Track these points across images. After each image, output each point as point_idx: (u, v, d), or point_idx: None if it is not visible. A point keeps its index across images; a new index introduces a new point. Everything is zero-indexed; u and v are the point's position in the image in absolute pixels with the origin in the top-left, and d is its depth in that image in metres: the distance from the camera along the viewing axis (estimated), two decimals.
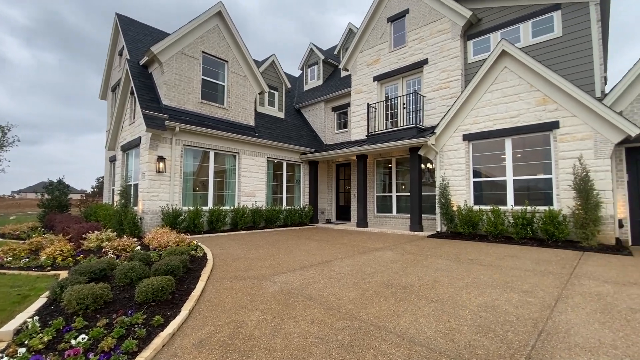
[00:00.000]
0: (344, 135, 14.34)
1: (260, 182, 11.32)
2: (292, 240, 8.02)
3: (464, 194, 8.72)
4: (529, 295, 3.56)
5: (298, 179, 13.30)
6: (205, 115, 10.06)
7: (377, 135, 11.34)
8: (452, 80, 10.15)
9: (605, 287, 3.85)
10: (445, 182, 9.02)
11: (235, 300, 3.53)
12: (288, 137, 13.01)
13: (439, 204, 9.00)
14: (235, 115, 10.94)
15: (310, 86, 17.28)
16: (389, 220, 11.62)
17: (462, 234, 8.28)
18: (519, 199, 7.90)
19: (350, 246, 7.13)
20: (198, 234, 8.78)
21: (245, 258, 5.75)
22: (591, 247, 6.24)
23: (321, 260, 5.53)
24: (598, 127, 6.72)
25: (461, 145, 8.90)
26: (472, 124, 8.72)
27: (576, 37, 8.10)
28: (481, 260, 5.42)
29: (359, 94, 12.94)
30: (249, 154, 11.00)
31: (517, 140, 8.02)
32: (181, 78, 9.56)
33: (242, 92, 11.17)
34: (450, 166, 9.08)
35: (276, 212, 11.08)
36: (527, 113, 7.77)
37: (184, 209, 9.05)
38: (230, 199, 10.57)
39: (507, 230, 7.55)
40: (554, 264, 5.13)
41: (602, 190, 6.57)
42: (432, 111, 10.59)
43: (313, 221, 12.93)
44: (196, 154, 9.80)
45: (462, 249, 6.59)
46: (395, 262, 5.40)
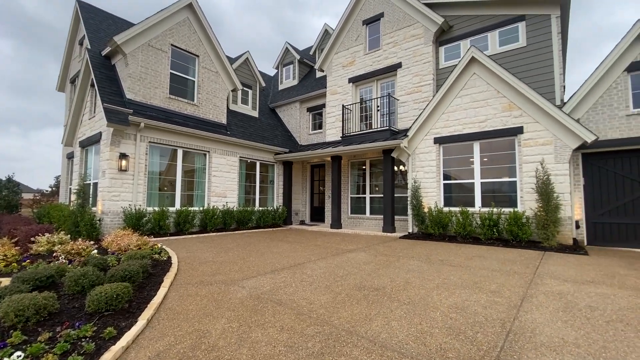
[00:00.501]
0: (319, 136, 14.28)
1: (232, 183, 10.97)
2: (264, 243, 7.81)
3: (435, 196, 8.92)
4: (497, 296, 3.63)
5: (272, 179, 13.06)
6: (173, 111, 9.59)
7: (351, 136, 11.38)
8: (424, 85, 10.39)
9: (566, 285, 4.03)
10: (417, 184, 9.19)
11: (199, 308, 3.31)
12: (262, 137, 12.74)
13: (410, 206, 9.15)
14: (206, 112, 10.54)
15: (285, 85, 17.08)
16: (363, 221, 11.68)
17: (432, 234, 8.45)
18: (486, 201, 8.20)
19: (323, 248, 7.04)
20: (164, 236, 8.32)
21: (213, 261, 5.49)
22: (551, 247, 6.57)
23: (293, 263, 5.39)
24: (558, 133, 7.11)
25: (432, 148, 9.11)
26: (443, 127, 8.96)
27: (539, 47, 8.56)
28: (451, 261, 5.52)
29: (334, 95, 12.93)
30: (220, 153, 10.63)
31: (485, 144, 8.32)
32: (147, 71, 9.05)
33: (213, 89, 10.79)
34: (422, 168, 9.27)
35: (248, 214, 10.79)
36: (494, 118, 8.08)
37: (148, 210, 8.55)
38: (199, 200, 10.15)
39: (475, 231, 7.79)
40: (518, 263, 5.33)
41: (562, 193, 6.95)
42: (405, 114, 10.78)
43: (287, 222, 12.74)
44: (163, 152, 9.31)
45: (433, 249, 6.71)
46: (368, 263, 5.37)
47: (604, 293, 3.73)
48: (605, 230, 7.32)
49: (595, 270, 4.85)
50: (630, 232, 7.04)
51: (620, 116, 7.17)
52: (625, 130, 7.09)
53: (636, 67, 7.04)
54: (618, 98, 7.21)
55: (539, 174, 7.08)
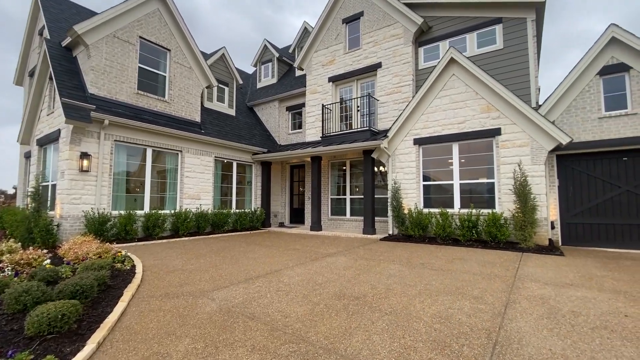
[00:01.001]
0: (299, 135, 14.01)
1: (207, 184, 10.50)
2: (240, 247, 7.46)
3: (415, 197, 8.89)
4: (480, 302, 3.52)
5: (249, 180, 12.66)
6: (142, 108, 9.03)
7: (331, 136, 11.19)
8: (404, 85, 10.37)
9: (547, 289, 3.99)
10: (397, 185, 9.13)
11: (161, 325, 2.98)
12: (239, 136, 12.31)
13: (391, 207, 9.07)
14: (178, 110, 10.02)
15: (264, 84, 16.69)
16: (343, 223, 11.53)
17: (412, 236, 8.40)
18: (465, 202, 8.24)
19: (302, 252, 6.79)
20: (131, 241, 7.78)
21: (182, 270, 5.11)
22: (529, 248, 6.64)
23: (270, 270, 5.11)
24: (534, 135, 7.22)
25: (412, 149, 9.07)
26: (423, 128, 8.94)
27: (515, 50, 8.71)
28: (432, 264, 5.42)
29: (313, 94, 12.71)
30: (194, 153, 10.14)
31: (464, 146, 8.36)
32: (112, 64, 8.45)
33: (186, 85, 10.28)
34: (401, 169, 9.21)
35: (224, 216, 10.35)
36: (472, 119, 8.13)
37: (113, 214, 7.97)
38: (171, 202, 9.62)
39: (455, 232, 7.80)
40: (498, 266, 5.30)
41: (538, 194, 7.06)
42: (385, 115, 10.72)
43: (265, 225, 12.38)
44: (131, 151, 8.73)
45: (414, 252, 6.62)
46: (348, 268, 5.18)
47: (584, 297, 3.71)
48: (578, 231, 7.52)
49: (572, 272, 4.89)
50: (602, 232, 7.26)
51: (592, 119, 7.39)
52: (597, 132, 7.31)
53: (608, 71, 7.28)
54: (591, 101, 7.43)
55: (516, 176, 7.16)
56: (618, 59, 7.17)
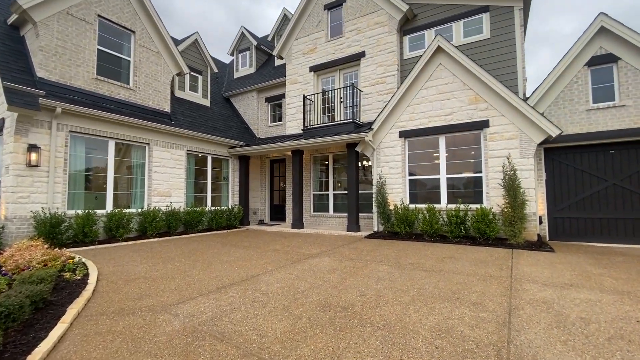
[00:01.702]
0: (279, 128, 13.43)
1: (178, 179, 9.78)
2: (215, 249, 6.90)
3: (400, 193, 8.60)
4: (481, 309, 3.20)
5: (226, 175, 11.99)
6: (102, 95, 8.18)
7: (313, 129, 10.71)
8: (389, 75, 10.02)
9: (548, 291, 3.73)
10: (382, 180, 8.80)
11: (107, 354, 2.44)
12: (213, 128, 11.60)
13: (375, 203, 8.74)
14: (144, 98, 9.21)
15: (241, 74, 15.92)
16: (326, 220, 11.13)
17: (398, 233, 8.11)
18: (452, 197, 8.02)
19: (283, 253, 6.33)
20: (90, 244, 7.04)
21: (144, 278, 4.52)
22: (518, 244, 6.48)
23: (246, 276, 4.61)
24: (523, 127, 7.05)
25: (398, 142, 8.76)
26: (409, 120, 8.63)
27: (502, 39, 8.53)
28: (422, 265, 5.11)
29: (294, 85, 12.15)
30: (163, 146, 9.38)
31: (451, 139, 8.12)
32: (66, 45, 7.56)
33: (154, 71, 9.46)
34: (387, 163, 8.89)
35: (198, 215, 9.69)
36: (460, 111, 7.89)
37: (69, 214, 7.17)
38: (138, 200, 8.87)
39: (442, 229, 7.56)
40: (491, 265, 5.06)
41: (527, 189, 6.90)
42: (369, 106, 10.35)
43: (244, 223, 11.79)
44: (90, 144, 7.91)
45: (401, 250, 6.31)
46: (334, 271, 4.77)
47: (588, 299, 3.47)
48: (565, 225, 7.47)
49: (568, 271, 4.70)
50: (588, 227, 7.23)
51: (580, 111, 7.30)
52: (585, 125, 7.23)
53: (596, 62, 7.20)
54: (579, 93, 7.34)
55: (505, 169, 6.98)
56: (606, 50, 7.10)
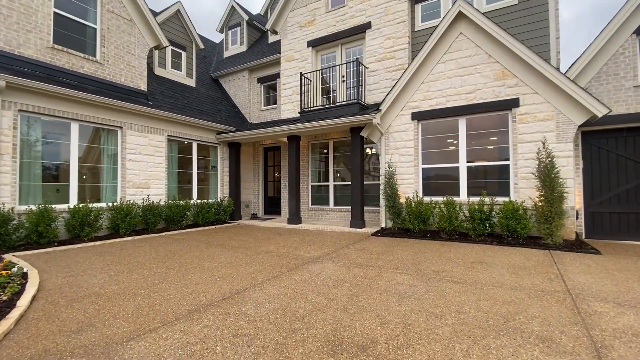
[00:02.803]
0: (273, 112, 12.36)
1: (158, 169, 8.75)
2: (196, 251, 5.94)
3: (413, 184, 7.66)
4: (555, 349, 2.29)
5: (215, 164, 10.97)
6: (60, 68, 7.06)
7: (312, 112, 9.67)
8: (399, 49, 8.95)
9: (629, 316, 2.84)
10: (392, 169, 7.84)
11: None
12: (199, 111, 10.51)
13: (384, 196, 7.81)
14: (114, 74, 8.07)
15: (231, 52, 14.72)
16: (326, 214, 10.20)
17: (411, 230, 7.21)
18: (473, 189, 7.11)
19: (277, 256, 5.39)
20: (48, 246, 6.04)
21: (98, 295, 3.56)
22: (555, 244, 5.60)
23: (229, 291, 3.67)
24: (562, 106, 6.09)
25: (410, 125, 7.77)
26: (423, 100, 7.63)
27: (533, 5, 7.48)
28: (450, 273, 4.20)
29: (290, 62, 11.04)
30: (140, 130, 8.31)
31: (472, 121, 7.16)
32: (12, 5, 6.38)
33: (126, 42, 8.30)
34: (397, 150, 7.92)
35: (181, 209, 8.69)
36: (484, 89, 6.90)
37: (20, 210, 6.15)
38: (110, 193, 7.84)
39: (462, 225, 6.66)
40: (534, 273, 4.17)
41: (565, 179, 5.99)
42: (376, 85, 9.31)
43: (234, 217, 10.83)
44: (48, 127, 6.83)
45: (418, 252, 5.40)
46: (341, 283, 3.84)
47: None
48: (604, 221, 6.60)
49: (636, 282, 3.81)
50: (632, 224, 6.36)
51: (627, 87, 6.35)
52: (632, 104, 6.29)
53: None
54: (625, 66, 6.37)
55: (541, 156, 6.05)
56: None
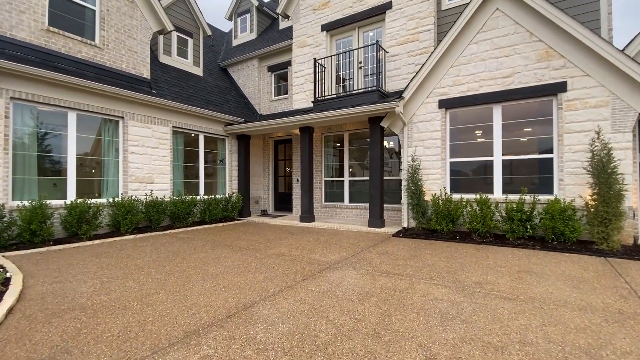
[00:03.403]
0: (284, 102, 11.78)
1: (163, 162, 8.29)
2: (201, 252, 5.44)
3: (439, 179, 6.98)
4: None
5: (222, 158, 10.48)
6: (56, 53, 6.61)
7: (326, 101, 9.04)
8: (423, 31, 8.21)
9: None
10: (416, 163, 7.18)
11: None
12: (207, 101, 10.01)
13: (407, 192, 7.16)
14: (115, 59, 7.60)
15: (240, 40, 14.16)
16: (340, 211, 9.61)
17: (438, 231, 6.56)
18: (508, 185, 6.40)
19: (290, 260, 4.84)
20: (42, 245, 5.63)
21: (83, 308, 3.07)
22: (612, 251, 4.88)
23: (235, 305, 3.13)
24: (618, 90, 5.32)
25: (436, 114, 7.08)
26: (452, 85, 6.92)
27: None
28: (494, 286, 3.56)
29: (302, 48, 10.41)
30: (143, 120, 7.84)
31: (509, 108, 6.42)
32: None
33: (127, 26, 7.81)
34: (421, 142, 7.24)
35: (187, 205, 8.23)
36: (524, 71, 6.15)
37: (12, 205, 5.75)
38: (111, 188, 7.42)
39: (498, 227, 5.97)
40: (599, 287, 3.49)
41: (622, 175, 5.23)
42: (397, 72, 8.60)
43: (243, 214, 10.35)
44: (44, 116, 6.41)
45: (451, 258, 4.76)
46: (367, 298, 3.26)
47: None
48: None
49: None
50: None
51: None
52: None
53: None
54: None
55: (594, 148, 5.30)
56: None
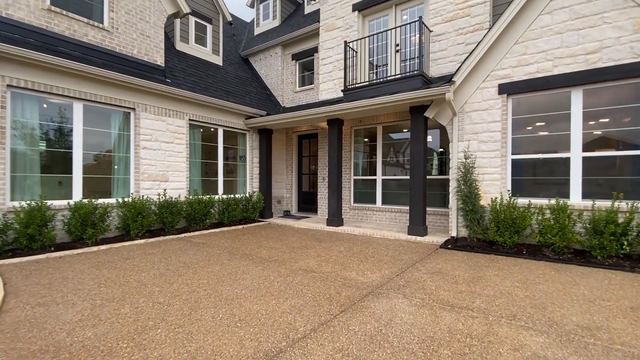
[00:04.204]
0: (310, 93, 10.93)
1: (178, 158, 7.67)
2: (215, 264, 4.69)
3: (498, 180, 5.90)
4: None
5: (243, 154, 9.79)
6: (60, 36, 6.06)
7: (357, 89, 8.10)
8: (476, 4, 7.09)
9: None
10: (470, 160, 6.13)
11: None
12: (226, 92, 9.33)
13: (457, 195, 6.13)
14: (126, 44, 7.00)
15: (263, 29, 13.43)
16: (372, 214, 8.67)
17: (498, 243, 5.50)
18: (590, 188, 5.24)
19: (321, 279, 3.98)
20: (41, 252, 5.09)
21: (59, 348, 2.35)
22: None
23: (254, 355, 2.30)
24: None
25: (495, 101, 5.98)
26: (516, 66, 5.80)
27: None
28: (609, 332, 2.55)
29: (331, 32, 9.50)
30: (156, 112, 7.23)
31: (594, 93, 5.25)
32: None
33: (139, 7, 7.19)
34: (475, 135, 6.18)
35: (204, 206, 7.57)
36: (616, 45, 4.96)
37: (9, 206, 5.23)
38: (122, 186, 6.86)
39: (581, 241, 4.85)
40: None
41: None
42: (442, 53, 7.53)
43: (265, 215, 9.63)
44: (46, 107, 5.89)
45: (528, 283, 3.74)
46: (434, 350, 2.34)
47: None
48: None
49: None
50: None
51: None
52: None
53: None
54: None
55: None
56: None
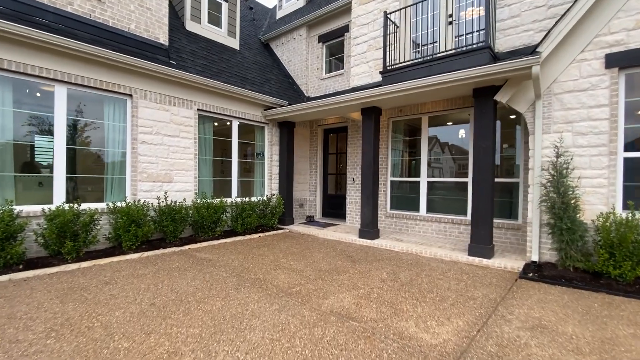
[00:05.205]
0: (338, 80, 9.63)
1: (184, 155, 6.61)
2: (217, 298, 3.51)
3: (604, 187, 4.38)
4: None
5: (261, 151, 8.66)
6: (37, 4, 5.08)
7: (400, 71, 6.70)
8: None
9: None
10: (564, 159, 4.63)
11: None
12: (242, 78, 8.21)
13: (546, 204, 4.67)
14: (121, 17, 5.97)
15: (286, 11, 12.24)
16: (414, 224, 7.28)
17: (606, 276, 4.00)
18: None
19: (364, 337, 2.72)
20: (4, 271, 4.12)
21: None
22: None
23: None
24: None
25: (600, 79, 4.47)
26: (631, 29, 4.26)
27: None
28: None
29: (365, 5, 8.15)
30: (157, 100, 6.19)
31: None
32: None
33: None
34: (569, 125, 4.68)
35: (213, 211, 6.48)
36: None
37: None
38: (117, 188, 5.87)
39: None
40: None
41: None
42: (514, 21, 6.01)
43: (285, 221, 8.45)
44: (22, 92, 4.95)
45: None
46: None
47: None
48: None
49: None
50: None
51: None
52: None
53: None
54: None
55: None
56: None
